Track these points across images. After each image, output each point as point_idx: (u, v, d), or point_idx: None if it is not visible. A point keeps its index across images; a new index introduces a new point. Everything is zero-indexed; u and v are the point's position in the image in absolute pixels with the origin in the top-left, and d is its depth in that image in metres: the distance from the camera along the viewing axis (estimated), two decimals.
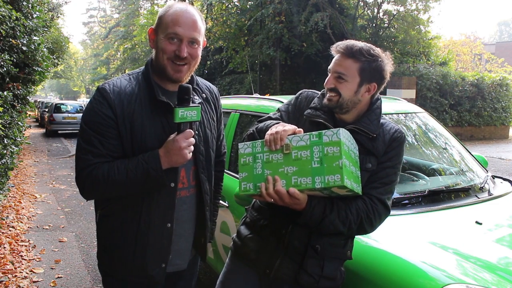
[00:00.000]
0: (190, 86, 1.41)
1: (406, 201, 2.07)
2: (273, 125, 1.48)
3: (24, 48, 4.10)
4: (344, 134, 1.34)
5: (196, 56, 1.47)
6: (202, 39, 1.49)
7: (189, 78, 1.57)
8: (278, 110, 1.70)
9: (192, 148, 1.40)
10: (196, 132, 1.52)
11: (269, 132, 1.41)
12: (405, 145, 1.56)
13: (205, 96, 1.63)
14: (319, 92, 1.64)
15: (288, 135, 1.38)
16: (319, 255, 1.49)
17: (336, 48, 1.51)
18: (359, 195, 1.44)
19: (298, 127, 1.44)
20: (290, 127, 1.41)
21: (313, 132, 1.36)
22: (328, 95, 1.52)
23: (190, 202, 1.56)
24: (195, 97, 1.56)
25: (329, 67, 1.53)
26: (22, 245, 4.25)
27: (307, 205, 1.38)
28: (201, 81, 1.69)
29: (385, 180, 1.49)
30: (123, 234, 1.46)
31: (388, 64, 1.51)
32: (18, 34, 3.96)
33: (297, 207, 1.38)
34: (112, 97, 1.40)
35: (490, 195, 2.30)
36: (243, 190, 1.40)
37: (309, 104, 1.61)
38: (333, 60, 1.52)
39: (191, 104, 1.40)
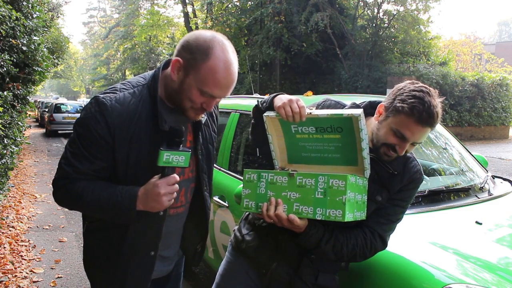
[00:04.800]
0: (183, 128, 1.25)
1: None
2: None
3: (24, 48, 4.11)
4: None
5: None
6: None
7: None
8: None
9: (174, 195, 1.26)
10: (200, 151, 1.46)
11: (280, 105, 1.35)
12: None
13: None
14: (345, 103, 1.57)
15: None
16: (314, 265, 1.50)
17: (420, 117, 1.30)
18: (361, 227, 1.44)
19: None
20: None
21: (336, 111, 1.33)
22: (387, 151, 1.39)
23: (183, 215, 1.52)
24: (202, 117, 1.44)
25: (403, 132, 1.34)
26: (22, 245, 4.25)
27: (305, 230, 1.38)
28: None
29: (392, 218, 1.47)
30: (106, 254, 1.41)
31: None
32: (18, 34, 3.97)
33: (295, 231, 1.39)
34: (112, 116, 1.25)
35: (490, 195, 2.30)
36: (245, 207, 1.42)
37: None
38: (411, 127, 1.32)
39: (181, 148, 1.24)
